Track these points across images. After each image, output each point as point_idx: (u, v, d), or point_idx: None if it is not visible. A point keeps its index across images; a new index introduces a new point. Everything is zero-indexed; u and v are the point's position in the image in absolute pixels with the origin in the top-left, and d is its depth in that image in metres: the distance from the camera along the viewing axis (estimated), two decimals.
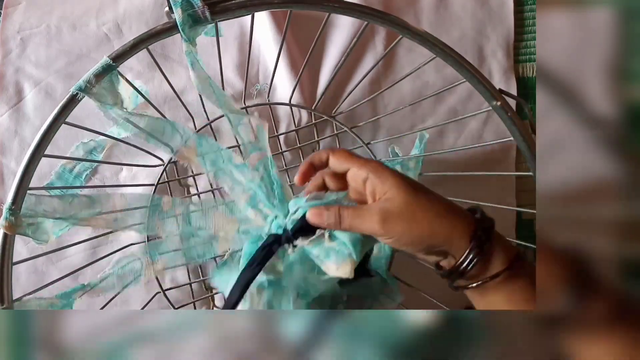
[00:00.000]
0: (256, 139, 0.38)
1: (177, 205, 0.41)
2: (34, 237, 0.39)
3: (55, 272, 0.56)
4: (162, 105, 0.56)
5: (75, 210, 0.39)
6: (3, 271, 0.36)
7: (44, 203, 0.39)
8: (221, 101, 0.38)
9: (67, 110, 0.37)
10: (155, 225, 0.41)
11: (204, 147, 0.38)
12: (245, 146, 0.38)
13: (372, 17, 0.38)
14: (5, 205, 0.37)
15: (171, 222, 0.41)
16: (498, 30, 0.60)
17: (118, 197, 0.40)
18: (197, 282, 0.57)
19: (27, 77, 0.57)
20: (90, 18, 0.57)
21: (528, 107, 0.43)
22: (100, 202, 0.40)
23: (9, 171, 0.56)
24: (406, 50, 0.60)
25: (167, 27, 0.36)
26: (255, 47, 0.58)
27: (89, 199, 0.40)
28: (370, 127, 0.59)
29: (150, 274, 0.45)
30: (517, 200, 0.62)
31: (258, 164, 0.37)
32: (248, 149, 0.38)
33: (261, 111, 0.58)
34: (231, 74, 0.58)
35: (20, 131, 0.56)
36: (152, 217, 0.40)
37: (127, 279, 0.44)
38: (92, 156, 0.56)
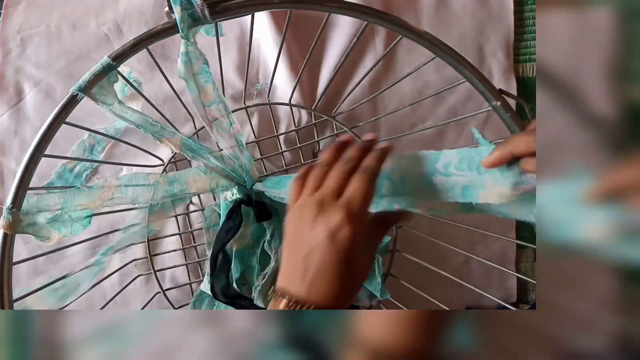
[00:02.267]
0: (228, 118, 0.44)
1: (161, 177, 0.49)
2: (35, 234, 0.39)
3: (55, 272, 0.56)
4: (162, 105, 0.56)
5: (71, 196, 0.42)
6: (3, 271, 0.36)
7: (44, 199, 0.40)
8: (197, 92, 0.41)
9: (67, 110, 0.37)
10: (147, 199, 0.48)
11: (187, 142, 0.44)
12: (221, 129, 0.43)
13: (372, 17, 0.38)
14: (5, 205, 0.37)
15: (159, 190, 0.48)
16: (498, 30, 0.60)
17: (113, 180, 0.45)
18: (197, 282, 0.57)
19: (27, 77, 0.57)
20: (90, 18, 0.57)
21: (528, 107, 0.43)
22: (96, 188, 0.44)
23: (9, 171, 0.56)
24: (406, 50, 0.60)
25: (167, 26, 0.36)
26: (255, 47, 0.58)
27: (85, 188, 0.43)
28: (370, 127, 0.59)
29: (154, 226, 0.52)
30: None
31: (238, 135, 0.44)
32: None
33: (261, 111, 0.58)
34: (231, 74, 0.58)
35: (20, 131, 0.56)
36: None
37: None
38: (93, 155, 0.56)
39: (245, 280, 0.54)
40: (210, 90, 0.41)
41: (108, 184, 0.44)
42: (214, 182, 0.48)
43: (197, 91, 0.40)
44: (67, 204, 0.42)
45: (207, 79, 0.40)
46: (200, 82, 0.40)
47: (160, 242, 0.57)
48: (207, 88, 0.41)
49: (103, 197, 0.43)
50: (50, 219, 0.41)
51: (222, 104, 0.42)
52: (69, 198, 0.42)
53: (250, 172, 0.49)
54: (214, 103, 0.42)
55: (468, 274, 0.61)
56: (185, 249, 0.58)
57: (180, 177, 0.48)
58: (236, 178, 0.49)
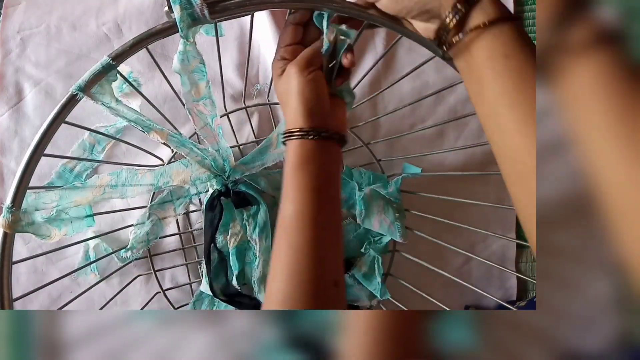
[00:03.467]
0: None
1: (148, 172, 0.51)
2: (35, 233, 0.39)
3: (55, 272, 0.56)
4: (162, 105, 0.56)
5: (66, 193, 0.43)
6: (3, 271, 0.36)
7: (41, 197, 0.40)
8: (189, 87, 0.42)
9: (67, 110, 0.37)
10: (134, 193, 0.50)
11: (172, 135, 0.46)
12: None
13: (372, 17, 0.38)
14: (5, 205, 0.37)
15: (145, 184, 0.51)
16: None
17: (105, 177, 0.48)
18: (197, 282, 0.57)
19: (27, 77, 0.57)
20: (90, 18, 0.57)
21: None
22: (89, 185, 0.46)
23: (9, 171, 0.56)
24: (406, 50, 0.60)
25: (166, 26, 0.36)
26: (255, 47, 0.58)
27: (79, 185, 0.45)
28: (370, 127, 0.59)
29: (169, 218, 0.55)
30: None
31: (218, 128, 0.47)
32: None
33: (261, 111, 0.58)
34: (231, 74, 0.58)
35: (20, 131, 0.56)
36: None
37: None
38: (93, 155, 0.57)
39: (245, 278, 0.54)
40: (202, 87, 0.42)
41: (100, 181, 0.46)
42: (194, 174, 0.52)
43: (190, 86, 0.41)
44: (62, 200, 0.42)
45: (201, 77, 0.41)
46: (194, 78, 0.40)
47: (160, 242, 0.57)
48: (200, 85, 0.41)
49: (95, 192, 0.46)
50: (49, 218, 0.41)
51: (209, 99, 0.43)
52: (64, 195, 0.43)
53: (228, 159, 0.52)
54: (202, 99, 0.43)
55: (468, 274, 0.61)
56: (185, 249, 0.58)
57: (165, 171, 0.51)
58: (215, 168, 0.52)
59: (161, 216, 0.54)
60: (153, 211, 0.54)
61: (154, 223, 0.54)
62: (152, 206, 0.54)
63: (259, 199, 0.53)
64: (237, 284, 0.53)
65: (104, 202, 0.56)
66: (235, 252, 0.53)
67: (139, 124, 0.42)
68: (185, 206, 0.56)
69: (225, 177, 0.53)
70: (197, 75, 0.41)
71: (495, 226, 0.61)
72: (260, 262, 0.52)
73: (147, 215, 0.54)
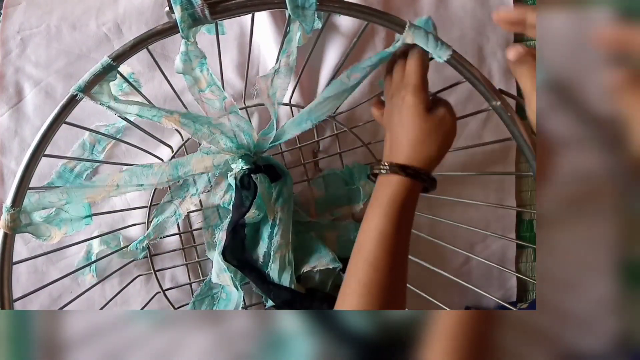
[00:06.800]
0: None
1: (165, 164, 0.49)
2: (35, 234, 0.39)
3: (55, 272, 0.56)
4: (162, 105, 0.56)
5: (76, 190, 0.42)
6: (3, 271, 0.36)
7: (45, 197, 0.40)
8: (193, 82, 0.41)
9: (67, 110, 0.37)
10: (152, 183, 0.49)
11: (186, 116, 0.44)
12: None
13: (372, 17, 0.38)
14: (5, 205, 0.37)
15: (164, 175, 0.49)
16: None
17: (116, 172, 0.46)
18: (197, 282, 0.57)
19: (27, 77, 0.57)
20: (90, 18, 0.57)
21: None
22: (101, 180, 0.45)
23: (9, 171, 0.56)
24: None
25: (167, 26, 0.36)
26: (255, 47, 0.58)
27: (89, 182, 0.45)
28: (370, 127, 0.59)
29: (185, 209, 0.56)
30: (517, 200, 0.62)
31: (232, 107, 0.45)
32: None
33: (261, 111, 0.58)
34: (231, 74, 0.58)
35: (20, 131, 0.56)
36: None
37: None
38: (93, 155, 0.57)
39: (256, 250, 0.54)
40: (205, 77, 0.41)
41: (112, 175, 0.45)
42: (217, 160, 0.49)
43: (193, 81, 0.41)
44: (71, 198, 0.42)
45: (202, 69, 0.40)
46: (197, 73, 0.40)
47: (160, 242, 0.57)
48: (203, 76, 0.41)
49: (110, 184, 0.45)
50: (48, 217, 0.41)
51: (215, 85, 0.42)
52: (72, 192, 0.42)
53: (251, 135, 0.49)
54: (208, 87, 0.42)
55: (468, 274, 0.61)
56: (185, 249, 0.58)
57: (184, 161, 0.49)
58: (239, 148, 0.49)
59: (178, 203, 0.55)
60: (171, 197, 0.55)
61: (172, 211, 0.55)
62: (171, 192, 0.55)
63: (285, 170, 0.53)
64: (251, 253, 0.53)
65: (103, 203, 0.57)
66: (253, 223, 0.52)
67: (146, 115, 0.41)
68: (205, 189, 0.56)
69: (252, 154, 0.50)
70: (199, 70, 0.40)
71: (495, 226, 0.61)
72: (279, 231, 0.51)
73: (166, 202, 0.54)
